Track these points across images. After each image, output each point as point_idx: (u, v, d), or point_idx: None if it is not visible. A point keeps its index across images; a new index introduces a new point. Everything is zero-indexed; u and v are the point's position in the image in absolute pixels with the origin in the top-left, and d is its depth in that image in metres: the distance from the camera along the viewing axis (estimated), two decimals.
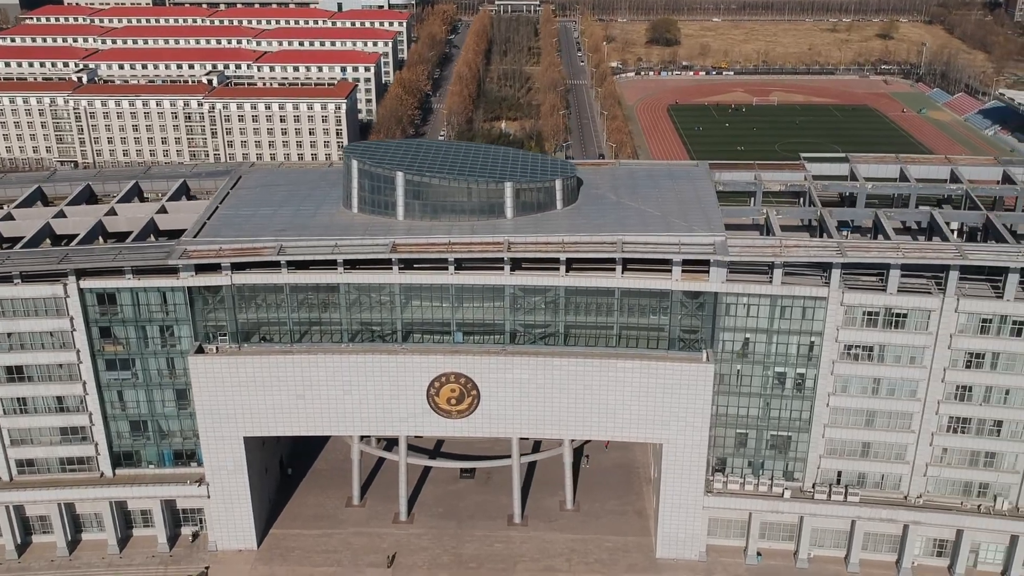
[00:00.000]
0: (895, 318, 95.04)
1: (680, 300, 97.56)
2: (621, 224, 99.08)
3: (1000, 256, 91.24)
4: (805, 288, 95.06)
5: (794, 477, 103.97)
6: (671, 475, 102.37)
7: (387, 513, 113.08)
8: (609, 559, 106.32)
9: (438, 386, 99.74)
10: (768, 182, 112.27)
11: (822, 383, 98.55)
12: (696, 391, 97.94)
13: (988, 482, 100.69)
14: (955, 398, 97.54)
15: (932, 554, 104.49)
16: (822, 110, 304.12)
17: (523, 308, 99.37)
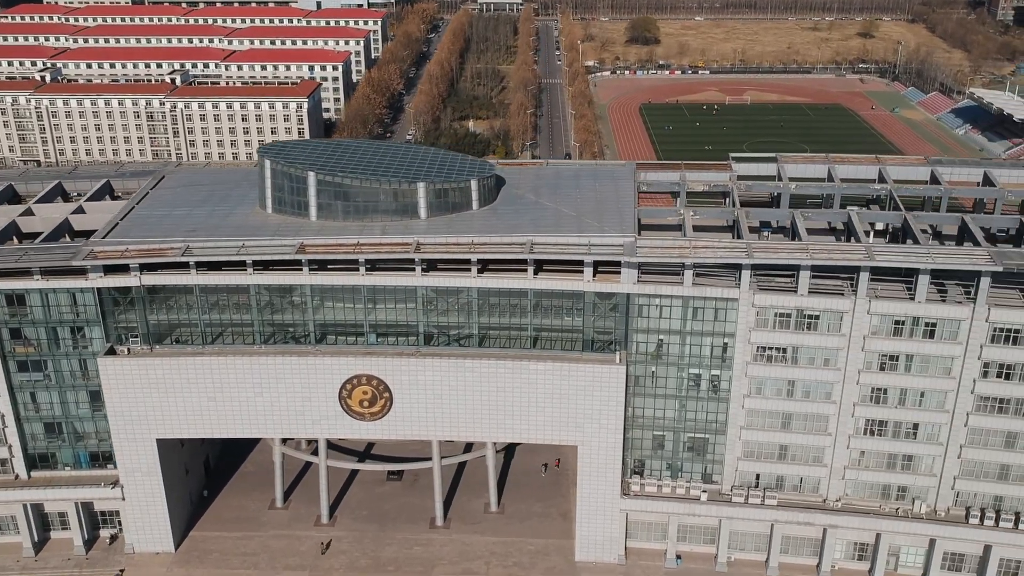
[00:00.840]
0: (807, 319, 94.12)
1: (593, 302, 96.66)
2: (535, 225, 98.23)
3: (909, 257, 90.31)
4: (716, 289, 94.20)
5: (713, 480, 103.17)
6: (587, 478, 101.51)
7: (310, 516, 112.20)
8: (528, 562, 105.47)
9: (350, 388, 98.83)
10: (692, 182, 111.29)
11: (736, 385, 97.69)
12: (609, 393, 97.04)
13: (906, 485, 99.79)
14: (871, 400, 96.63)
15: (853, 558, 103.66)
16: (795, 109, 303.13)
17: (437, 310, 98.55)
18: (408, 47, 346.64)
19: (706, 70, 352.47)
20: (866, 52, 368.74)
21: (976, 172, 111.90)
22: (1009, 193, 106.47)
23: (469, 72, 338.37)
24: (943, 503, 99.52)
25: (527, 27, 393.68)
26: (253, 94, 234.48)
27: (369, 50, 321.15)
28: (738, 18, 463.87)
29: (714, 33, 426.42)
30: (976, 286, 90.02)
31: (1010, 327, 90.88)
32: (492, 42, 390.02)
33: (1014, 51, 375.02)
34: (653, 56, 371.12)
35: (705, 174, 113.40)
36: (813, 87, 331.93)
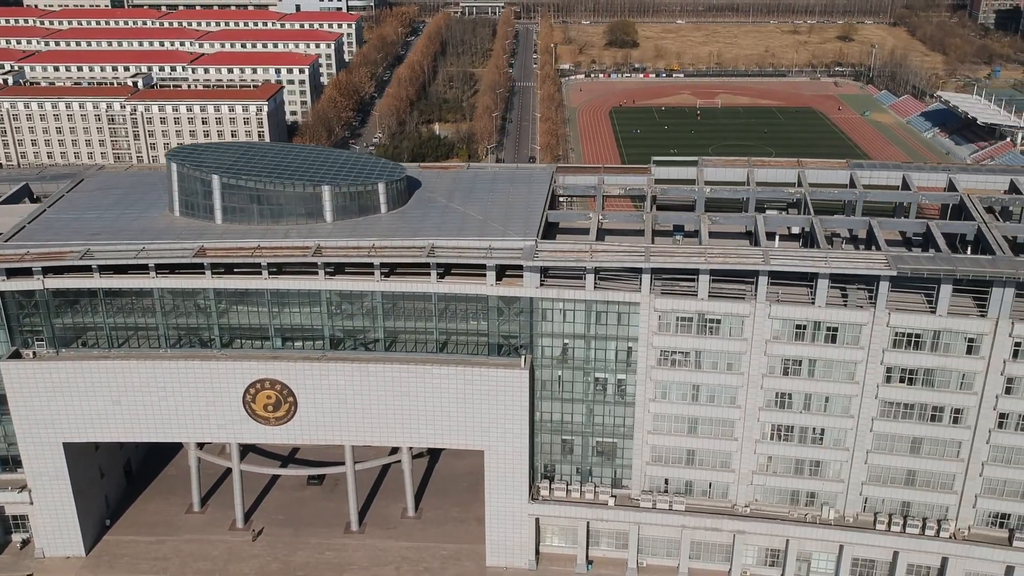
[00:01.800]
0: (709, 324, 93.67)
1: (498, 306, 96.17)
2: (439, 229, 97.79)
3: (805, 262, 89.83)
4: (617, 293, 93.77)
5: (622, 484, 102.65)
6: (495, 482, 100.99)
7: (225, 520, 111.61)
8: (439, 567, 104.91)
9: (254, 392, 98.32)
10: (609, 186, 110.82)
11: (641, 389, 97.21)
12: (513, 397, 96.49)
13: (815, 491, 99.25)
14: (775, 405, 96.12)
15: (765, 563, 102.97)
16: (765, 112, 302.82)
17: (342, 314, 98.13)
18: (382, 50, 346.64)
19: (680, 73, 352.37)
20: (842, 55, 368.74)
21: (895, 175, 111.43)
22: (923, 197, 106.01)
23: (443, 75, 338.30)
24: (852, 508, 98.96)
25: (504, 30, 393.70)
26: (213, 97, 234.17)
27: (341, 53, 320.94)
28: (719, 21, 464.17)
29: (693, 36, 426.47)
30: (876, 290, 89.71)
31: (911, 331, 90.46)
32: (470, 45, 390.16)
33: (991, 54, 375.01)
34: (629, 59, 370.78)
35: (623, 178, 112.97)
36: (786, 90, 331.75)
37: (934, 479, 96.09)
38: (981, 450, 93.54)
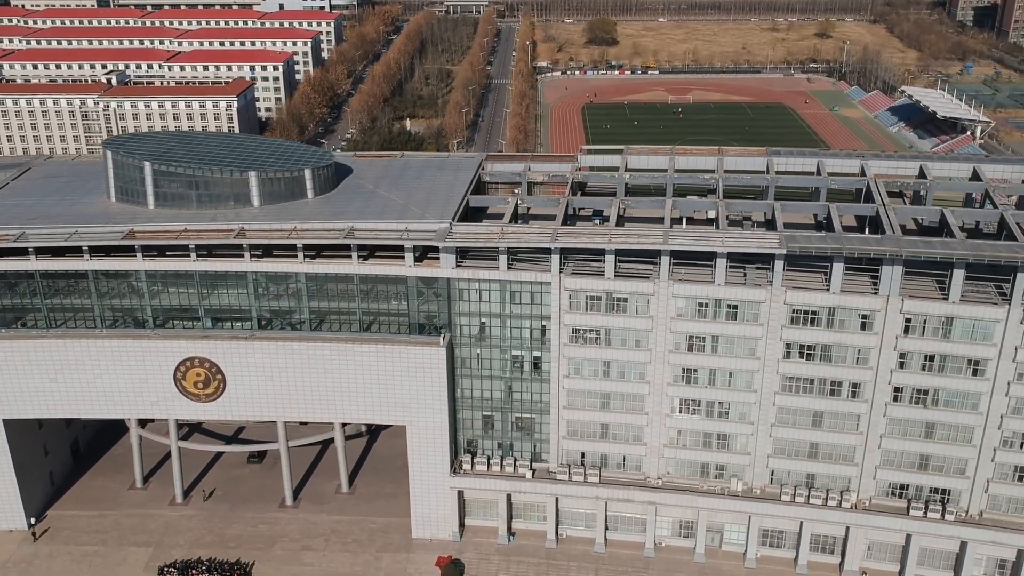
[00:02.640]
0: (616, 302, 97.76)
1: (417, 286, 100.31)
2: (361, 212, 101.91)
3: (700, 241, 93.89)
4: (529, 273, 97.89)
5: (542, 458, 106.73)
6: (417, 457, 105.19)
7: (166, 496, 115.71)
8: (367, 539, 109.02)
9: (184, 370, 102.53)
10: (534, 173, 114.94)
11: (555, 366, 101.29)
12: (432, 374, 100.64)
13: (723, 463, 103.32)
14: (682, 380, 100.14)
15: (679, 535, 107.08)
16: (736, 108, 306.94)
17: (268, 295, 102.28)
18: (361, 48, 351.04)
19: (656, 70, 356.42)
20: (817, 52, 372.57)
21: (811, 162, 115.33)
22: (832, 182, 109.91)
23: (420, 73, 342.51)
24: (759, 481, 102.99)
25: (484, 28, 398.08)
26: (184, 93, 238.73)
27: (318, 51, 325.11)
28: (701, 19, 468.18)
29: (673, 34, 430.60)
30: (772, 268, 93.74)
31: (807, 308, 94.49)
32: (451, 43, 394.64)
33: (965, 51, 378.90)
34: (605, 56, 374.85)
35: (548, 165, 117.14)
36: (759, 86, 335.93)
37: (836, 451, 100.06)
38: (879, 423, 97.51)
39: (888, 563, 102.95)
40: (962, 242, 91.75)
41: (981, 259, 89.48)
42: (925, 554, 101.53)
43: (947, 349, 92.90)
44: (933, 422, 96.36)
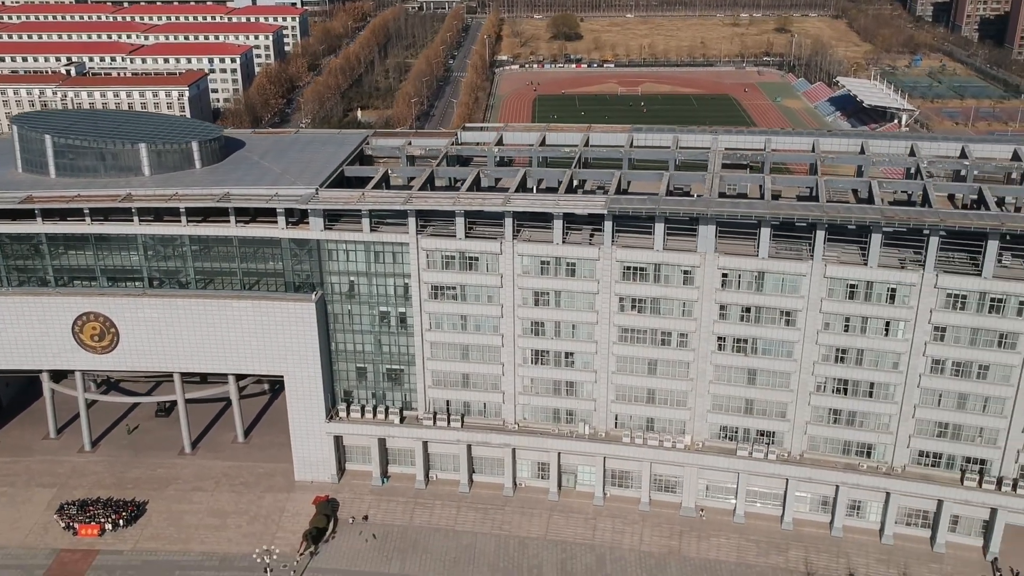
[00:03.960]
0: (469, 260, 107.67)
1: (290, 247, 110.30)
2: (240, 180, 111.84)
3: (535, 203, 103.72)
4: (389, 235, 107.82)
5: (412, 407, 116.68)
6: (295, 405, 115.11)
7: (76, 445, 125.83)
8: (254, 482, 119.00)
9: (81, 324, 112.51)
10: (413, 148, 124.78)
11: (418, 321, 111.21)
12: (305, 328, 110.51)
13: (572, 409, 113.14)
14: (531, 333, 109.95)
15: (537, 476, 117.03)
16: (682, 99, 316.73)
17: (157, 256, 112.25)
18: (326, 42, 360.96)
19: (612, 64, 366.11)
20: (770, 46, 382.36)
21: (668, 138, 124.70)
22: (679, 154, 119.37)
23: (381, 66, 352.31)
24: (605, 425, 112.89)
25: (450, 24, 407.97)
26: (137, 83, 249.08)
27: (280, 44, 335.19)
28: (667, 15, 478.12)
29: (637, 30, 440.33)
30: (603, 229, 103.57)
31: (636, 265, 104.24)
32: (416, 38, 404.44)
33: (917, 45, 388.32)
34: (564, 51, 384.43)
35: (427, 141, 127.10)
36: (710, 79, 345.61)
37: (670, 397, 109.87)
38: (706, 370, 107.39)
39: (723, 501, 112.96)
40: (767, 203, 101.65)
41: (791, 218, 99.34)
42: (755, 492, 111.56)
43: (760, 301, 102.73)
44: (754, 369, 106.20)
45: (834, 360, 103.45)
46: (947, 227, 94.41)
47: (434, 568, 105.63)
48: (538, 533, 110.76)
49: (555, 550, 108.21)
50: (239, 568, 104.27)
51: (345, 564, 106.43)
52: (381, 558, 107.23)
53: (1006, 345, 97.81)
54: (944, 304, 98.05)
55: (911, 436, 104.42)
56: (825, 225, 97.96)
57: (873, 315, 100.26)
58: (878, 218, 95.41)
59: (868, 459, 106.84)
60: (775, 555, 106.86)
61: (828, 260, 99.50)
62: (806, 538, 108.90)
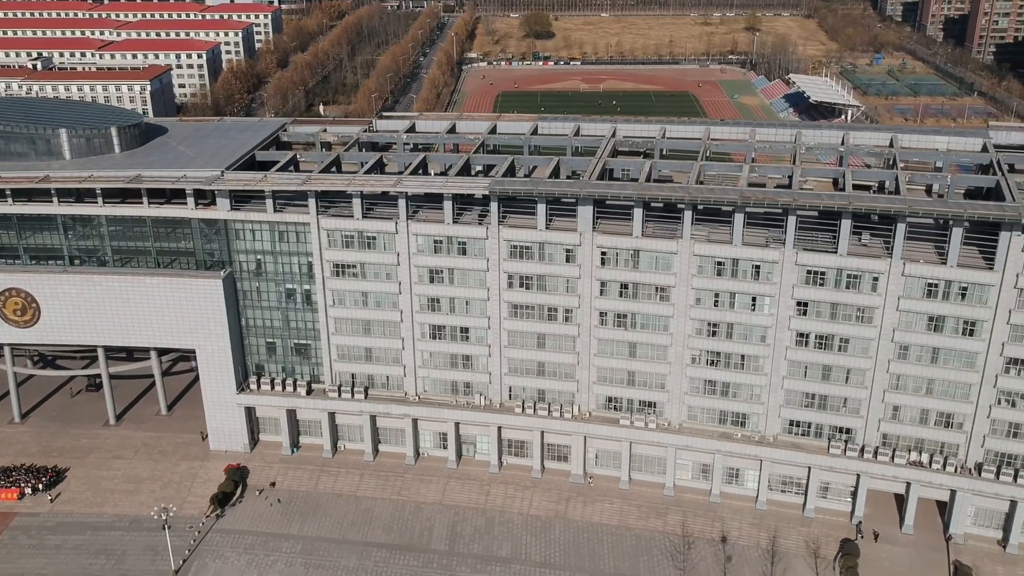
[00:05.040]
0: (367, 240, 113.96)
1: (200, 227, 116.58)
2: (154, 163, 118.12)
3: (424, 185, 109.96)
4: (291, 215, 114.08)
5: (319, 380, 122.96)
6: (207, 377, 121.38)
7: (7, 417, 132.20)
8: (171, 451, 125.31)
9: (4, 299, 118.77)
10: (326, 135, 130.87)
11: (321, 297, 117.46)
12: (214, 304, 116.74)
13: (469, 381, 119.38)
14: (428, 309, 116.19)
15: (439, 446, 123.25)
16: (643, 96, 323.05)
17: (76, 235, 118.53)
18: (297, 39, 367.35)
19: (579, 61, 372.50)
20: (735, 44, 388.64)
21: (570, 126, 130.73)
22: (578, 142, 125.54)
23: (349, 63, 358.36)
24: (500, 396, 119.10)
25: (423, 21, 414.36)
26: (101, 78, 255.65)
27: (250, 41, 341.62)
28: (640, 14, 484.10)
29: (610, 28, 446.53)
30: (490, 209, 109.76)
31: (522, 244, 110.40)
32: (391, 36, 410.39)
33: (881, 43, 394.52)
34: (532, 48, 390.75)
35: (342, 128, 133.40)
36: (673, 76, 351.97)
37: (559, 369, 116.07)
38: (590, 344, 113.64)
39: (610, 469, 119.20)
40: (639, 185, 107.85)
41: (656, 198, 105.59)
42: (640, 460, 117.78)
43: (637, 278, 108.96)
44: (634, 342, 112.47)
45: (707, 334, 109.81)
46: (798, 206, 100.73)
47: (331, 530, 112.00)
48: (434, 499, 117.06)
49: (448, 514, 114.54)
50: (147, 529, 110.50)
51: (248, 526, 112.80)
52: (283, 521, 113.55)
53: (863, 319, 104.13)
54: (804, 280, 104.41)
55: (781, 406, 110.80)
56: (691, 206, 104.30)
57: (740, 291, 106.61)
58: (735, 199, 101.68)
59: (743, 428, 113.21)
60: (654, 519, 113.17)
61: (697, 239, 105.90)
62: (686, 504, 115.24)
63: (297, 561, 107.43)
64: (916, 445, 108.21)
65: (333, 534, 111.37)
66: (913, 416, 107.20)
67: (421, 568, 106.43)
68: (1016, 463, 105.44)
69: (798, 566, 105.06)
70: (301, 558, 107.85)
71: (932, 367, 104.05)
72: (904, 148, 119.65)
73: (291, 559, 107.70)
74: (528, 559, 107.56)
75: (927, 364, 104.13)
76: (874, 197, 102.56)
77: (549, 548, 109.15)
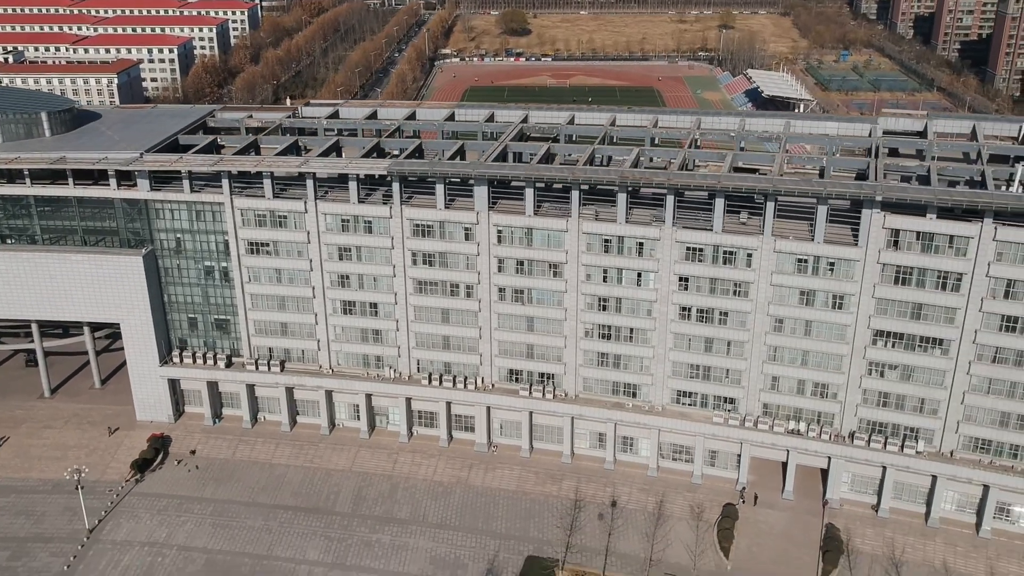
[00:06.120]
0: (278, 219, 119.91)
1: (122, 207, 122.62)
2: (80, 146, 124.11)
3: (327, 166, 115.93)
4: (207, 195, 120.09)
5: (240, 354, 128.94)
6: (132, 350, 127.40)
7: None
8: (100, 421, 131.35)
9: None
10: (251, 120, 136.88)
11: (238, 274, 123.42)
12: (135, 280, 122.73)
13: (380, 355, 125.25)
14: (338, 285, 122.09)
15: (353, 417, 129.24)
16: (607, 91, 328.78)
17: (7, 214, 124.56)
18: (274, 35, 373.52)
19: (550, 58, 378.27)
20: (705, 41, 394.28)
21: (484, 113, 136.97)
22: (497, 127, 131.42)
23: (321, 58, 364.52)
24: (408, 369, 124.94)
25: (400, 18, 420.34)
26: (69, 71, 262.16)
27: (225, 36, 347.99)
28: (619, 12, 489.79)
29: (587, 25, 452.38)
30: (391, 190, 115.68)
31: (423, 223, 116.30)
32: (368, 32, 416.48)
33: (850, 40, 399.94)
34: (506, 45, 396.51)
35: (265, 114, 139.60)
36: (641, 72, 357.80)
37: (463, 343, 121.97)
38: (490, 318, 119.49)
39: (513, 439, 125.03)
40: (529, 166, 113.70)
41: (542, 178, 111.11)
42: (540, 430, 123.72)
43: (531, 255, 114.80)
44: (532, 316, 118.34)
45: (597, 308, 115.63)
46: (672, 186, 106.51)
47: (242, 494, 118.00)
48: (344, 466, 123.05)
49: (355, 480, 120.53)
50: (67, 492, 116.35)
51: (164, 490, 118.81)
52: (198, 485, 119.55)
53: (740, 293, 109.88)
54: (685, 256, 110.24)
55: (668, 377, 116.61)
56: (578, 186, 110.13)
57: (626, 267, 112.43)
58: (614, 179, 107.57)
59: (634, 399, 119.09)
60: (550, 485, 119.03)
61: (585, 217, 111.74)
62: (582, 471, 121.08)
63: (206, 522, 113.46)
64: (795, 414, 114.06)
65: (244, 497, 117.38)
66: (791, 386, 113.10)
67: (323, 528, 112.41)
68: (887, 431, 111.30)
69: (680, 528, 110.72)
70: (211, 519, 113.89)
71: (806, 339, 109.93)
72: (795, 134, 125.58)
73: (201, 519, 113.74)
74: (425, 520, 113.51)
75: (801, 336, 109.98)
76: (743, 177, 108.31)
77: (447, 511, 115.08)
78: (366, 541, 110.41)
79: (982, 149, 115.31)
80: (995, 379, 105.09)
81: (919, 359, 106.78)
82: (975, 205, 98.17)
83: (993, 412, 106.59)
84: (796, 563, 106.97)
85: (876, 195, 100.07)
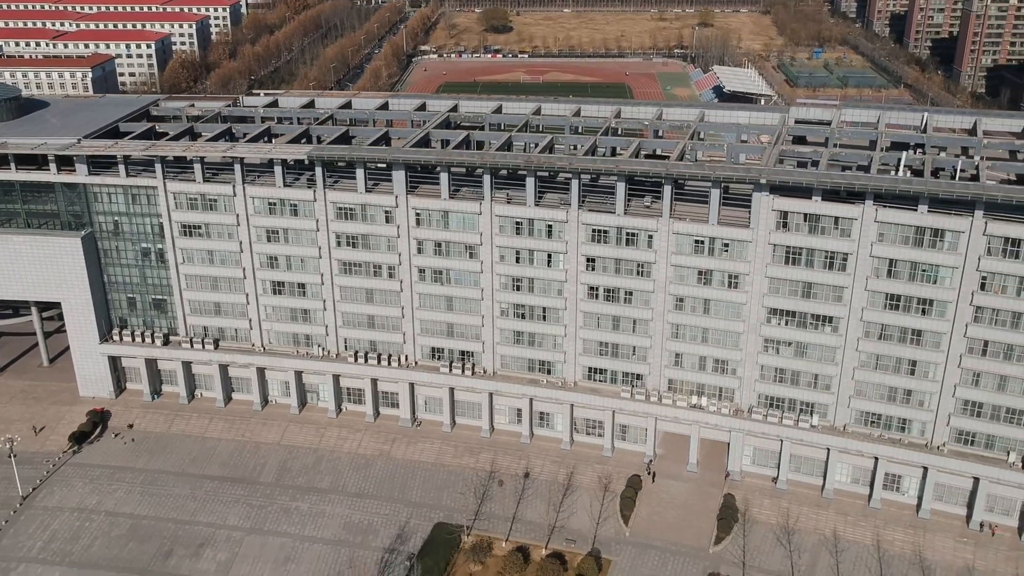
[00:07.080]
0: (209, 202, 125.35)
1: (63, 191, 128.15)
2: (24, 132, 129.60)
3: (252, 151, 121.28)
4: (142, 180, 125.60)
5: (177, 332, 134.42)
6: (73, 328, 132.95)
7: None
8: (45, 397, 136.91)
9: None
10: (192, 109, 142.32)
11: (172, 256, 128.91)
12: (74, 261, 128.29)
13: (308, 334, 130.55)
14: (268, 266, 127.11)
15: (284, 395, 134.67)
16: (580, 86, 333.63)
17: None
18: (255, 31, 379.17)
19: (527, 55, 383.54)
20: (680, 38, 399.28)
21: (416, 102, 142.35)
22: (425, 116, 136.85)
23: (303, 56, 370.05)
24: (336, 347, 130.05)
25: (382, 16, 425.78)
26: (45, 65, 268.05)
27: (205, 33, 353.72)
28: (601, 10, 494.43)
29: (569, 23, 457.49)
30: (314, 175, 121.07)
31: (346, 206, 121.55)
32: (350, 29, 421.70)
33: (826, 38, 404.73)
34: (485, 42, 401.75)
35: (208, 103, 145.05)
36: (614, 69, 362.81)
37: (387, 323, 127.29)
38: (412, 298, 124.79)
39: (436, 414, 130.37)
40: (442, 152, 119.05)
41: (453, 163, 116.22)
42: (461, 406, 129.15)
43: (448, 237, 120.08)
44: (451, 296, 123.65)
45: (512, 288, 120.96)
46: (573, 170, 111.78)
47: (173, 464, 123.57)
48: (273, 440, 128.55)
49: (282, 452, 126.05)
50: (4, 462, 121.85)
51: (99, 461, 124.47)
52: (132, 457, 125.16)
53: (643, 273, 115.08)
54: (590, 238, 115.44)
55: (579, 354, 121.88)
56: (488, 171, 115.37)
57: (536, 248, 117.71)
58: (520, 163, 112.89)
59: (549, 376, 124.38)
60: (468, 457, 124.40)
61: (497, 200, 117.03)
62: (500, 445, 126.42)
63: (136, 490, 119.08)
64: (697, 390, 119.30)
65: (174, 468, 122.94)
66: (693, 363, 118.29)
67: (246, 497, 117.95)
68: (783, 406, 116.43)
69: (586, 498, 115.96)
70: (140, 487, 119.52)
71: (705, 317, 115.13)
72: (708, 122, 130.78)
73: (131, 488, 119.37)
74: (344, 490, 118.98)
75: (700, 315, 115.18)
76: (641, 162, 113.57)
77: (366, 481, 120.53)
78: (285, 508, 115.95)
79: (880, 137, 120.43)
80: (882, 355, 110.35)
81: (811, 336, 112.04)
82: (853, 187, 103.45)
83: (881, 387, 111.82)
84: (692, 530, 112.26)
85: (761, 178, 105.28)
